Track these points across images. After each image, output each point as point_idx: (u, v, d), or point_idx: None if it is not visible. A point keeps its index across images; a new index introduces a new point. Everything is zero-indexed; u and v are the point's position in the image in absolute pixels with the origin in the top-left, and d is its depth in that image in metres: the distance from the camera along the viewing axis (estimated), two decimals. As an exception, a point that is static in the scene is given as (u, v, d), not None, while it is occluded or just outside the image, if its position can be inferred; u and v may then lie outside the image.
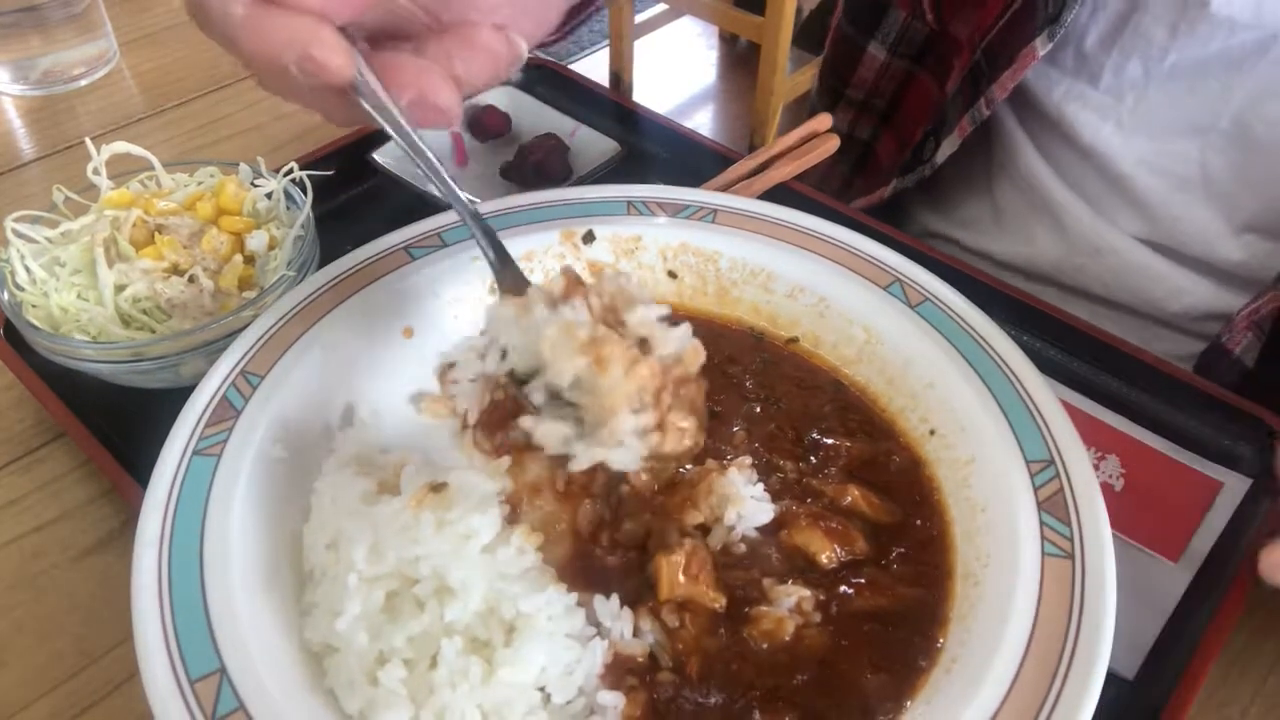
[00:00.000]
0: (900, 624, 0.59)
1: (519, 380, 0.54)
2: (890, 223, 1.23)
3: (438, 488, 0.58)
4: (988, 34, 0.95)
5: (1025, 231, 1.05)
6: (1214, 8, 0.82)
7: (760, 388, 0.73)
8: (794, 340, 0.77)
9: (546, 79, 1.16)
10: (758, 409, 0.72)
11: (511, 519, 0.62)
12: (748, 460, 0.65)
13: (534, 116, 1.07)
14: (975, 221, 1.11)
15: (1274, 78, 0.85)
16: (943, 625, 0.59)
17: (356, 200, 1.00)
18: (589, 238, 0.79)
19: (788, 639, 0.58)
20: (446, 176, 0.55)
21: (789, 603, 0.59)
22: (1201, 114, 0.89)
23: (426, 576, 0.56)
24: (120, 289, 0.76)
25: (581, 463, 0.50)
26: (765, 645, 0.58)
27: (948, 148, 1.02)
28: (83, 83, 1.24)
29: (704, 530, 0.62)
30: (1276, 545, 0.57)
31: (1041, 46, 0.90)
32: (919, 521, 0.65)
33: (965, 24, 0.99)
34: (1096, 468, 0.71)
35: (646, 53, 3.59)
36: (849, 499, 0.65)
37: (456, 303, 0.76)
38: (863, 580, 0.61)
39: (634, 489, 0.66)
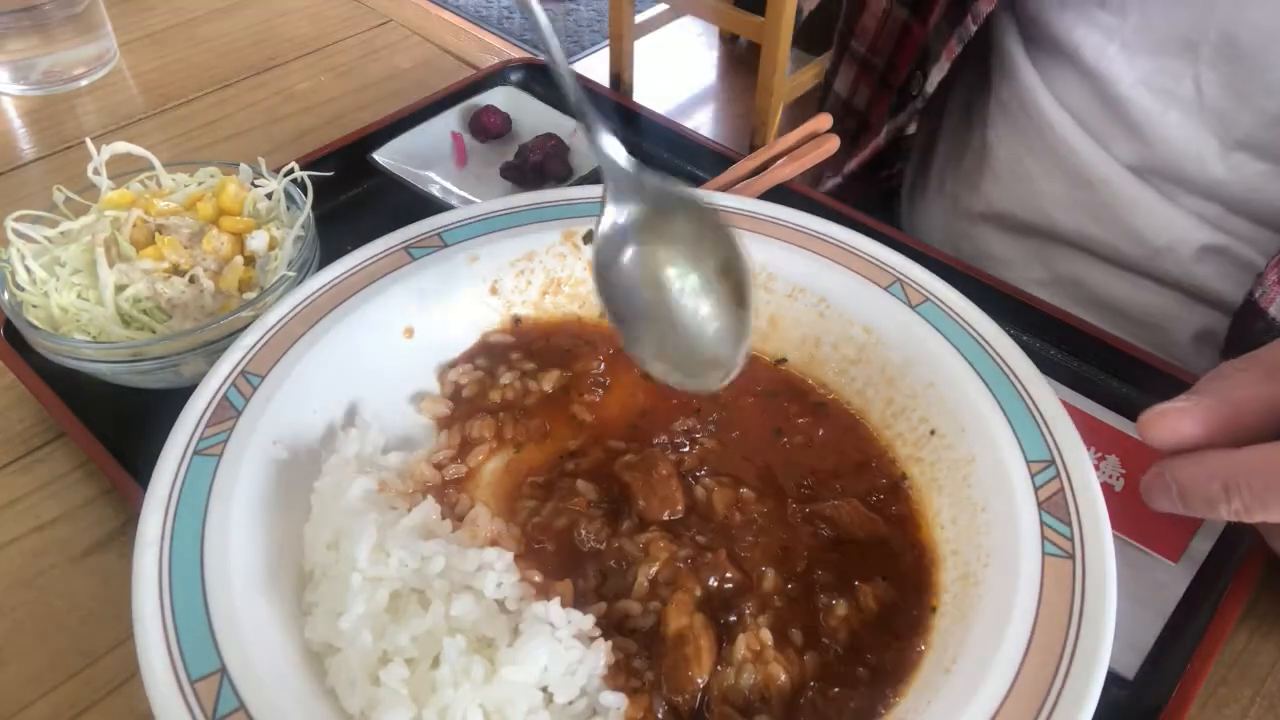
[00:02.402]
0: (899, 624, 0.59)
1: None
2: (881, 187, 1.22)
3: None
4: None
5: (1018, 168, 1.04)
6: None
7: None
8: (782, 361, 0.77)
9: (546, 79, 1.16)
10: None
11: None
12: None
13: (534, 116, 1.07)
14: (967, 173, 1.11)
15: None
16: (943, 624, 0.59)
17: (356, 200, 1.00)
18: (589, 238, 0.78)
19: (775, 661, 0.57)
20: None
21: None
22: (1192, 27, 0.89)
23: (430, 575, 0.56)
24: (121, 289, 0.76)
25: None
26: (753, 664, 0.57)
27: (936, 74, 1.03)
28: (83, 83, 1.24)
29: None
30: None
31: None
32: (917, 521, 0.65)
33: None
34: (1096, 468, 0.70)
35: (646, 53, 3.58)
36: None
37: (456, 302, 0.76)
38: (857, 584, 0.61)
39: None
